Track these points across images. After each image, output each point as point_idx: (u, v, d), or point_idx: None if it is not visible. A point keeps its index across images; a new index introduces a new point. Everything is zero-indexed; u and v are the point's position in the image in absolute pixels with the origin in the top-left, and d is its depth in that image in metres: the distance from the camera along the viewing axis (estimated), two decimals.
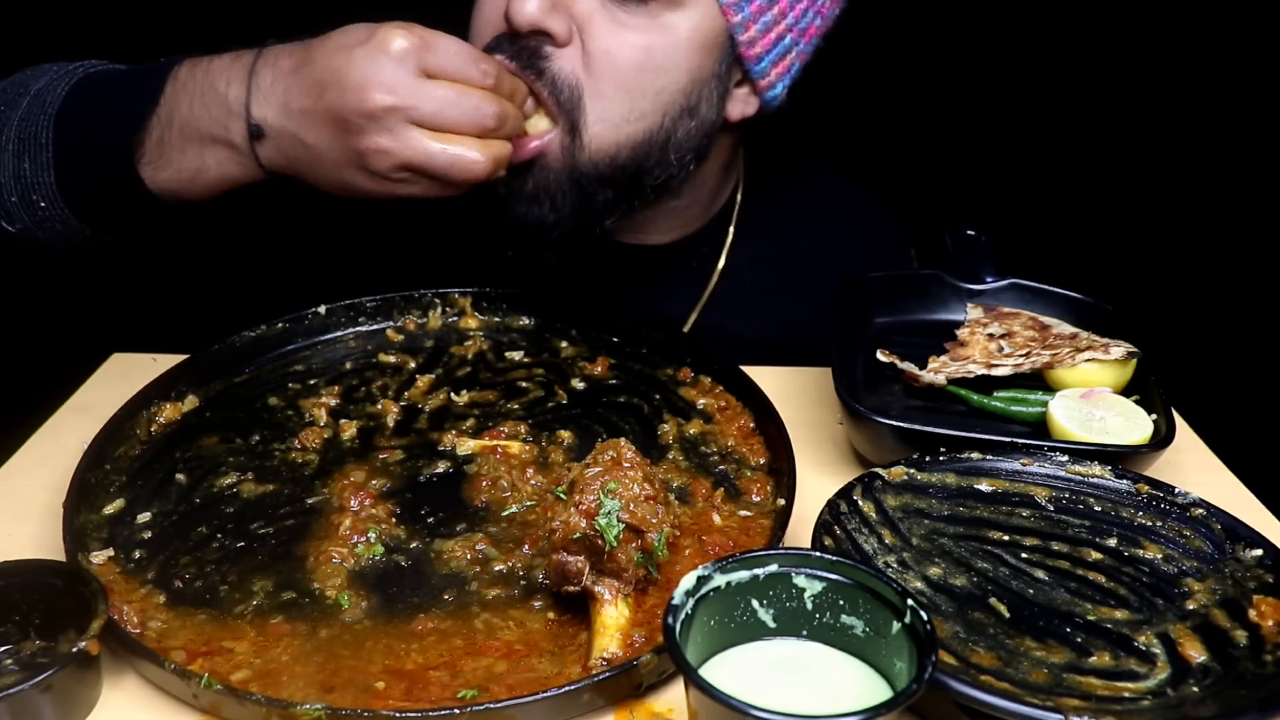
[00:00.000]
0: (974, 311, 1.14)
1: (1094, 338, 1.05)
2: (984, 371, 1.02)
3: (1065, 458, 0.88)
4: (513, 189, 1.04)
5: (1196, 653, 0.71)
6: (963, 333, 1.09)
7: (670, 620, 0.59)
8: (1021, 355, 1.04)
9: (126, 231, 1.04)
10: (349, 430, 0.99)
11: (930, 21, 1.95)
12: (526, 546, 0.84)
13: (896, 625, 0.61)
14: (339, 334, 1.15)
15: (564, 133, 1.02)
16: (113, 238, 1.04)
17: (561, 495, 0.77)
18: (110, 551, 0.83)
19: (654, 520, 0.75)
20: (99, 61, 1.07)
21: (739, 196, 1.28)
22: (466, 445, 0.97)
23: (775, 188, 1.32)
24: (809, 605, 0.64)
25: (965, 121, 2.08)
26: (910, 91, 2.04)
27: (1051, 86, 2.05)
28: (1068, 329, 1.09)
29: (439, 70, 0.90)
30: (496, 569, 0.82)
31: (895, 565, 0.79)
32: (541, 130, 1.02)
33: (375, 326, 1.17)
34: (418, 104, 0.88)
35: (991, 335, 1.08)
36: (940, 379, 1.01)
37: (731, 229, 1.29)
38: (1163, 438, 0.93)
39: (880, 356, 1.04)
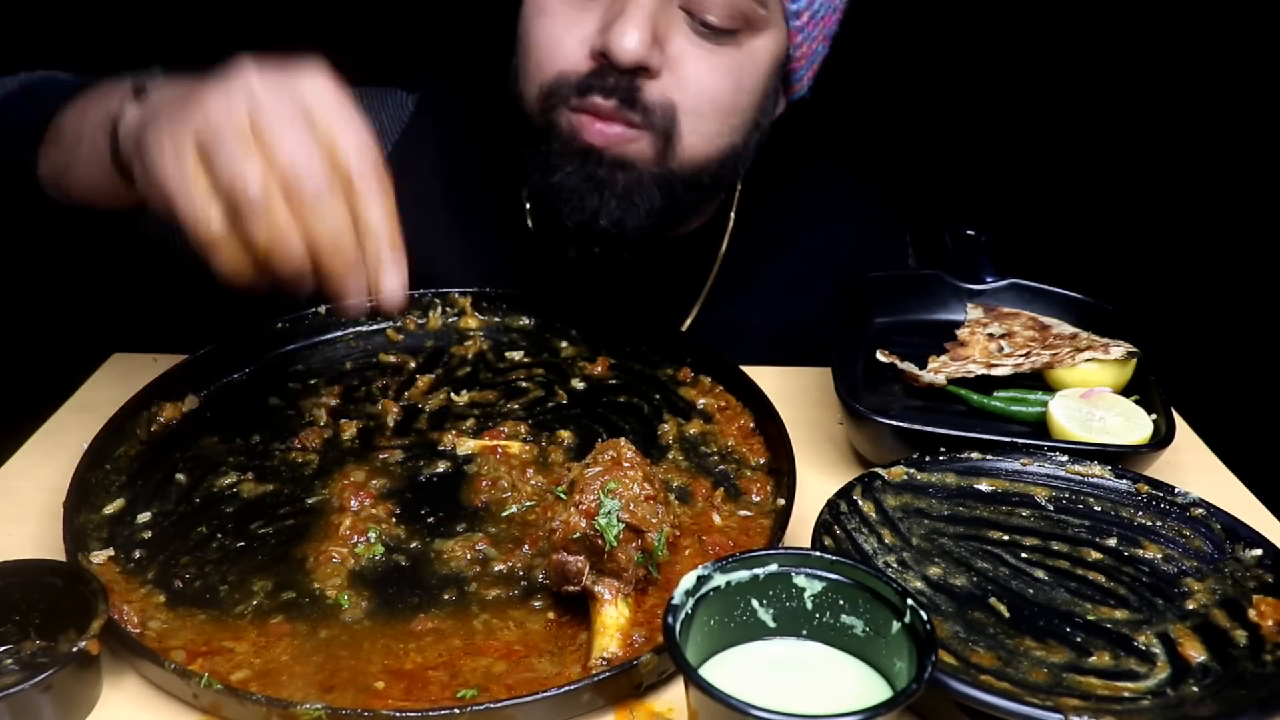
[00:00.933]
0: (974, 311, 1.14)
1: (1094, 338, 1.05)
2: (984, 371, 1.02)
3: (1065, 458, 0.88)
4: (599, 185, 1.06)
5: (1196, 653, 0.71)
6: (963, 333, 1.09)
7: (670, 620, 0.59)
8: (1021, 355, 1.04)
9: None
10: (349, 430, 0.99)
11: (930, 22, 1.95)
12: (526, 546, 0.84)
13: (896, 625, 0.61)
14: (339, 334, 1.15)
15: (657, 141, 1.07)
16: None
17: (561, 495, 0.77)
18: (110, 551, 0.83)
19: (654, 520, 0.75)
20: (59, 73, 1.07)
21: (739, 186, 1.30)
22: (466, 445, 0.97)
23: (773, 177, 1.33)
24: (809, 605, 0.64)
25: (965, 122, 2.08)
26: (910, 92, 2.04)
27: (1051, 87, 2.05)
28: (1068, 329, 1.09)
29: (321, 128, 0.76)
30: (496, 569, 0.82)
31: (895, 565, 0.79)
32: None
33: (375, 326, 1.17)
34: (265, 111, 0.74)
35: (991, 335, 1.08)
36: (940, 379, 1.01)
37: (732, 214, 1.31)
38: (1163, 438, 0.93)
39: (880, 357, 1.04)
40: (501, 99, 1.18)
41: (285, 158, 0.73)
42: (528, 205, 1.25)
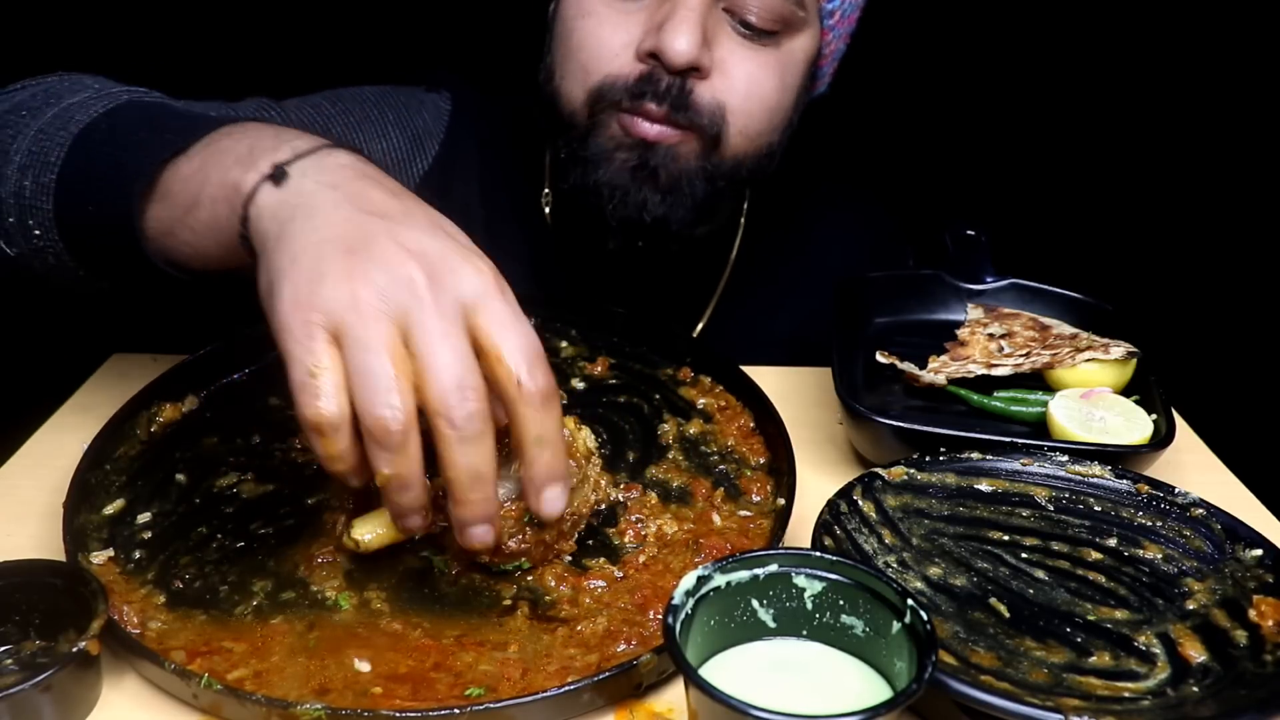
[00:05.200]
0: (974, 311, 1.14)
1: (1094, 338, 1.05)
2: (984, 371, 1.02)
3: (1065, 458, 0.88)
4: (645, 179, 1.08)
5: (1196, 653, 0.71)
6: (963, 333, 1.09)
7: (670, 620, 0.59)
8: (1021, 355, 1.04)
9: (127, 282, 0.91)
10: None
11: (931, 22, 1.95)
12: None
13: (896, 625, 0.61)
14: None
15: (704, 141, 1.08)
16: (112, 285, 0.92)
17: None
18: (110, 551, 0.82)
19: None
20: (155, 93, 0.96)
21: (747, 190, 1.31)
22: None
23: (782, 181, 1.34)
24: (809, 605, 0.64)
25: (965, 122, 2.08)
26: (910, 92, 2.04)
27: (1051, 87, 2.05)
28: (1068, 329, 1.09)
29: (483, 330, 0.68)
30: (497, 568, 0.82)
31: (895, 565, 0.79)
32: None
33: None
34: (425, 318, 0.66)
35: (992, 335, 1.08)
36: (940, 379, 1.01)
37: (742, 220, 1.32)
38: (1163, 438, 0.93)
39: (880, 358, 1.04)
40: (532, 99, 1.18)
41: (436, 394, 0.65)
42: (547, 206, 1.25)
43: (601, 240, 1.14)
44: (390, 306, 0.65)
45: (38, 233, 0.88)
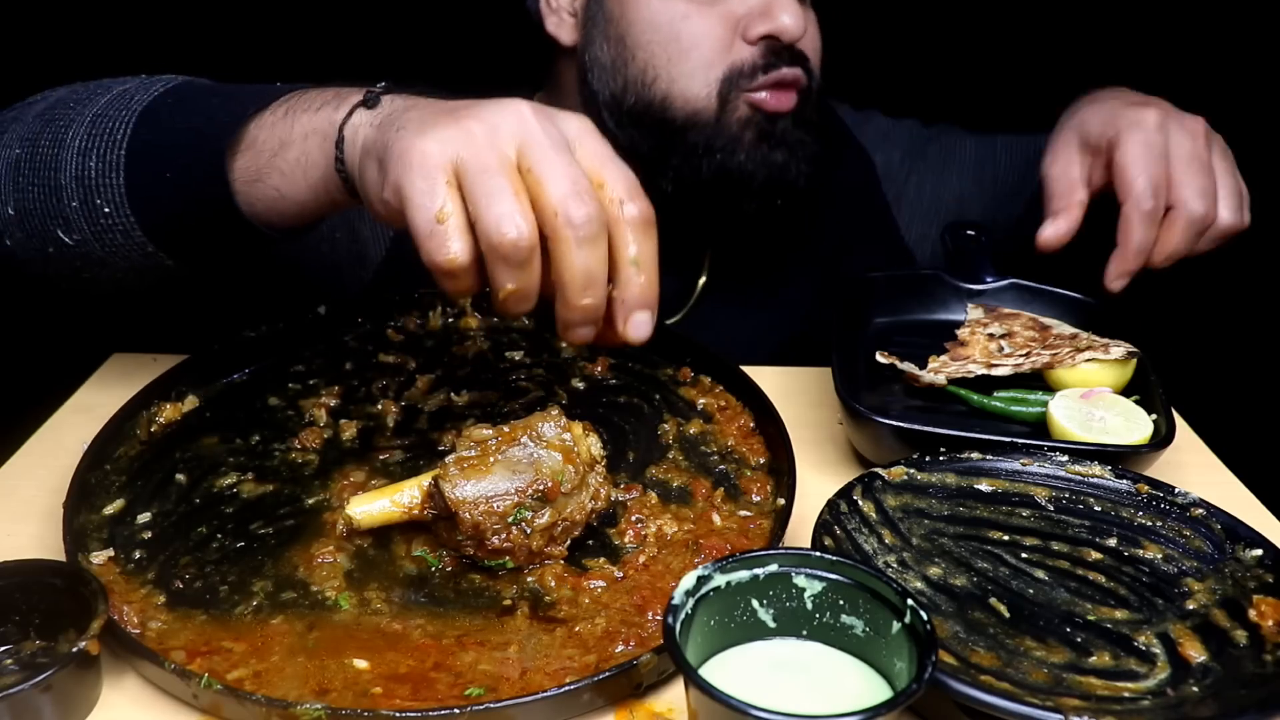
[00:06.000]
0: (974, 311, 1.14)
1: (1094, 338, 1.05)
2: (984, 371, 1.02)
3: (1065, 458, 0.88)
4: (781, 144, 1.19)
5: (1196, 653, 0.71)
6: (963, 333, 1.09)
7: (670, 620, 0.59)
8: (1021, 355, 1.04)
9: (194, 254, 0.94)
10: (349, 430, 0.99)
11: (930, 21, 1.95)
12: None
13: (896, 625, 0.61)
14: (339, 334, 1.15)
15: (811, 96, 1.21)
16: (176, 261, 0.93)
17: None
18: (110, 551, 0.82)
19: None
20: (200, 79, 0.98)
21: None
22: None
23: None
24: (809, 605, 0.64)
25: (964, 121, 2.07)
26: (910, 90, 2.04)
27: (1050, 86, 2.04)
28: (1068, 329, 1.09)
29: (586, 161, 0.73)
30: (498, 569, 0.82)
31: (895, 565, 0.79)
32: None
33: (375, 327, 1.17)
34: (538, 139, 0.71)
35: (992, 335, 1.08)
36: (940, 379, 1.01)
37: None
38: (1163, 438, 0.93)
39: (880, 359, 1.04)
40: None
41: (555, 198, 0.69)
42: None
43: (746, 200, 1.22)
44: (504, 134, 0.70)
45: (107, 210, 0.89)
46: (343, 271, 1.27)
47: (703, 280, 1.34)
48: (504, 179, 0.69)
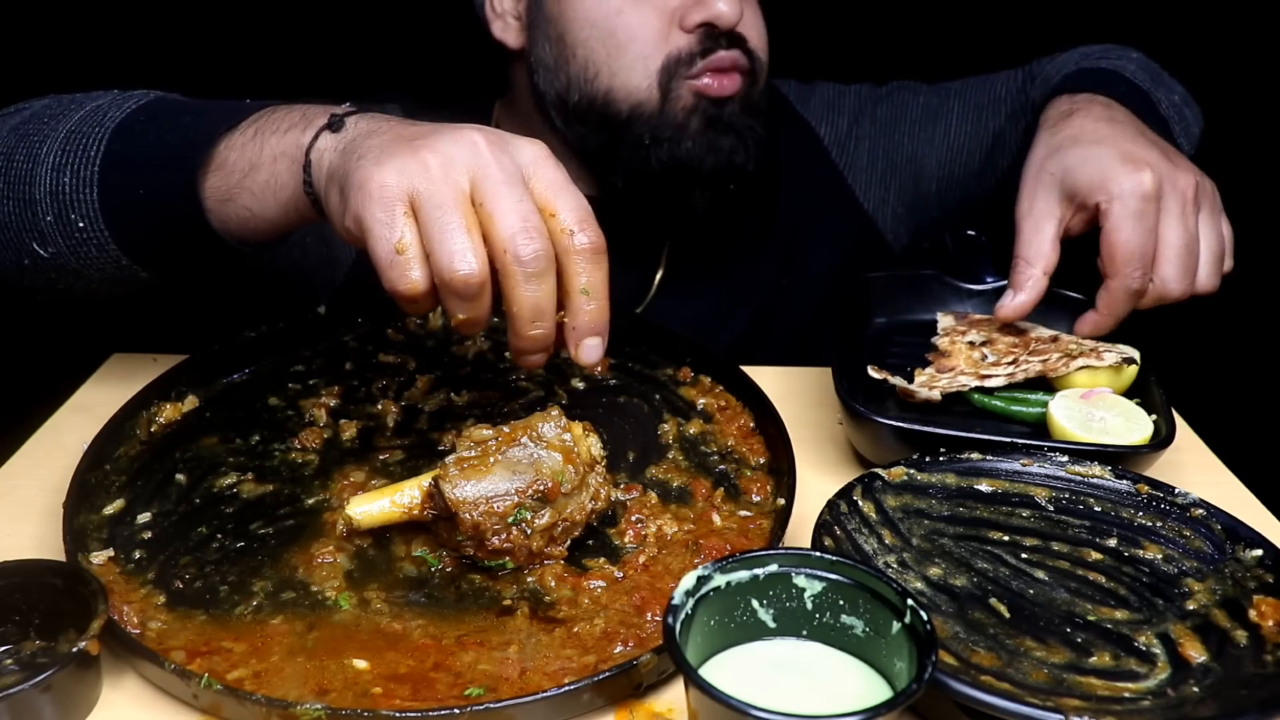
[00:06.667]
0: (945, 319, 1.12)
1: (1081, 342, 1.04)
2: (977, 384, 1.00)
3: (1065, 458, 0.88)
4: (727, 130, 1.20)
5: (1196, 653, 0.71)
6: (942, 342, 1.07)
7: (670, 620, 0.59)
8: (1009, 363, 1.03)
9: (168, 266, 0.97)
10: (349, 430, 0.99)
11: (929, 20, 1.95)
12: None
13: (896, 625, 0.61)
14: (339, 334, 1.15)
15: (753, 79, 1.22)
16: (150, 272, 0.96)
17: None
18: (110, 551, 0.82)
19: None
20: (172, 95, 0.99)
21: None
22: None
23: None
24: (809, 605, 0.64)
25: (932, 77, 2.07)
26: (884, 54, 2.04)
27: (1022, 36, 2.04)
28: (1045, 331, 1.08)
29: (539, 191, 0.76)
30: (498, 569, 0.82)
31: (895, 565, 0.79)
32: None
33: (375, 327, 1.17)
34: (491, 173, 0.74)
35: (972, 344, 1.07)
36: (935, 395, 0.99)
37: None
38: (1163, 438, 0.93)
39: (872, 373, 1.01)
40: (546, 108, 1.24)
41: (505, 234, 0.72)
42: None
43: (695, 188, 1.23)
44: (458, 167, 0.73)
45: (82, 224, 0.91)
46: (313, 275, 1.28)
47: (660, 273, 1.34)
48: (456, 215, 0.72)
